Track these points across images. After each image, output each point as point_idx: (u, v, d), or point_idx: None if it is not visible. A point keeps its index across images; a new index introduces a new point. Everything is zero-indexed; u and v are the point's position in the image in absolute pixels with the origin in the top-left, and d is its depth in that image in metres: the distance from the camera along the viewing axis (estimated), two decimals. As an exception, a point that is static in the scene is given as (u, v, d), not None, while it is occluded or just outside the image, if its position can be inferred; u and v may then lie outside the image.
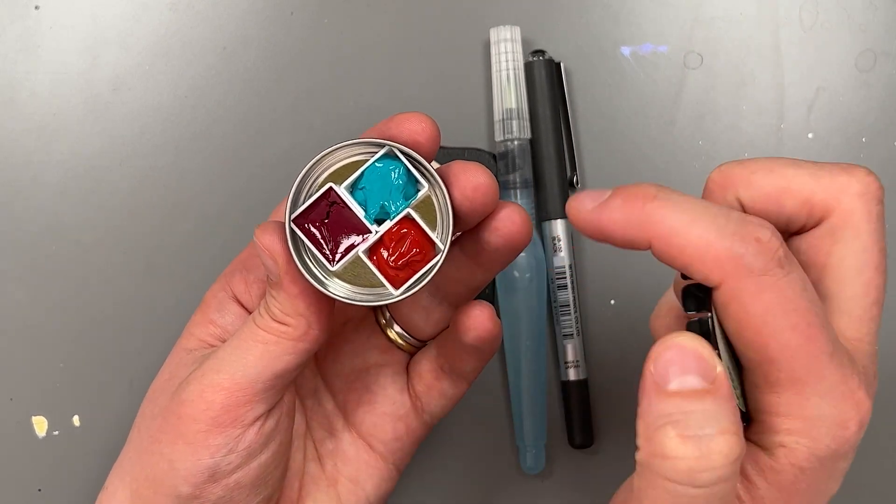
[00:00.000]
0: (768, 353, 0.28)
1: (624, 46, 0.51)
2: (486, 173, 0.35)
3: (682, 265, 0.29)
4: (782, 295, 0.28)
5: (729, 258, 0.28)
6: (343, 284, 0.35)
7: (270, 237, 0.35)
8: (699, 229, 0.28)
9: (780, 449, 0.29)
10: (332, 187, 0.35)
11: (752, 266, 0.28)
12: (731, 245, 0.28)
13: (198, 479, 0.36)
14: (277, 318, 0.36)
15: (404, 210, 0.35)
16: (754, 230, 0.28)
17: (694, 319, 0.30)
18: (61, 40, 0.50)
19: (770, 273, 0.28)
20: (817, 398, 0.28)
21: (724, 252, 0.28)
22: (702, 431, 0.27)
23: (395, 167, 0.35)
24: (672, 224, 0.29)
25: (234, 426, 0.36)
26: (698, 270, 0.29)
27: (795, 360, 0.28)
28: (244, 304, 0.40)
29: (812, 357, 0.28)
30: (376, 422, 0.41)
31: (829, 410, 0.28)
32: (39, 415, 0.49)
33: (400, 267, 0.35)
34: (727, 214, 0.29)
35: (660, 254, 0.29)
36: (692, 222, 0.29)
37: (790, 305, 0.28)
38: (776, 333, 0.28)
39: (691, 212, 0.29)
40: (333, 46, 0.51)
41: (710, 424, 0.27)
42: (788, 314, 0.28)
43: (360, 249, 0.35)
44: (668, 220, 0.29)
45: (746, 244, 0.28)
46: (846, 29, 0.51)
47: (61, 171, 0.49)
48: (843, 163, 0.31)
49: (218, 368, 0.36)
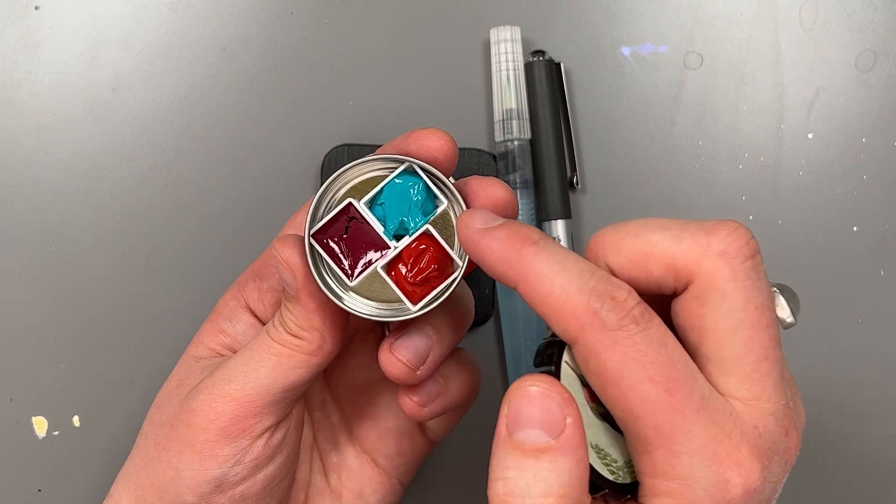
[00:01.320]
0: (630, 407, 0.28)
1: (624, 46, 0.51)
2: (504, 188, 0.35)
3: (543, 314, 0.29)
4: (637, 349, 0.28)
5: (585, 312, 0.28)
6: (360, 299, 0.35)
7: (290, 251, 0.35)
8: (562, 281, 0.29)
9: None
10: (351, 203, 0.35)
11: (607, 321, 0.28)
12: (588, 300, 0.28)
13: (204, 488, 0.36)
14: (292, 332, 0.36)
15: (423, 226, 0.35)
16: (612, 289, 0.28)
17: (542, 370, 0.31)
18: (61, 40, 0.50)
19: (624, 328, 0.28)
20: (687, 456, 0.27)
21: (581, 306, 0.28)
22: (526, 494, 0.27)
23: (414, 183, 0.35)
24: (539, 271, 0.29)
25: (243, 437, 0.36)
26: (557, 321, 0.29)
27: (658, 414, 0.27)
28: (257, 313, 0.40)
29: (674, 411, 0.27)
30: (380, 436, 0.41)
31: (702, 470, 0.27)
32: (39, 415, 0.49)
33: (418, 283, 0.35)
34: (593, 272, 0.29)
35: (525, 297, 0.30)
36: (557, 273, 0.29)
37: (646, 359, 0.27)
38: (634, 386, 0.27)
39: (560, 264, 0.29)
40: (333, 46, 0.51)
41: (538, 487, 0.27)
42: (645, 367, 0.27)
43: (379, 265, 0.35)
44: (537, 266, 0.29)
45: (602, 300, 0.28)
46: (846, 29, 0.51)
47: (61, 171, 0.49)
48: (713, 220, 0.30)
49: (229, 379, 0.36)
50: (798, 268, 0.51)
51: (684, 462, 0.27)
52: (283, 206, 0.49)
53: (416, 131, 0.35)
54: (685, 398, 0.27)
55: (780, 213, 0.51)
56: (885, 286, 0.51)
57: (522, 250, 0.30)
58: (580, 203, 0.51)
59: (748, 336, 0.28)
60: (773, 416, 0.28)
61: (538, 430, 0.28)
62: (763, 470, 0.28)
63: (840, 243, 0.51)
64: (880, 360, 0.51)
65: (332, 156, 0.49)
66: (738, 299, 0.28)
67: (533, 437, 0.28)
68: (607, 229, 0.31)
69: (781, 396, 0.29)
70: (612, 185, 0.51)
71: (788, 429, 0.29)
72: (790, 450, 0.29)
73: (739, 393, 0.28)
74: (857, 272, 0.51)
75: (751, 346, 0.29)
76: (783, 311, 0.31)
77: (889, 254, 0.51)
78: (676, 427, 0.27)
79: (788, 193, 0.51)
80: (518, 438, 0.28)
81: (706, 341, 0.29)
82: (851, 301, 0.51)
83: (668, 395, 0.27)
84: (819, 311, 0.51)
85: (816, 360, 0.51)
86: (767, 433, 0.28)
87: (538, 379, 0.29)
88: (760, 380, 0.28)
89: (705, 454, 0.27)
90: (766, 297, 0.29)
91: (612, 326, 0.28)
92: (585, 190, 0.51)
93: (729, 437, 0.27)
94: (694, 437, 0.27)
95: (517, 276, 0.30)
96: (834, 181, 0.51)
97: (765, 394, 0.28)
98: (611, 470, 0.30)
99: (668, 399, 0.27)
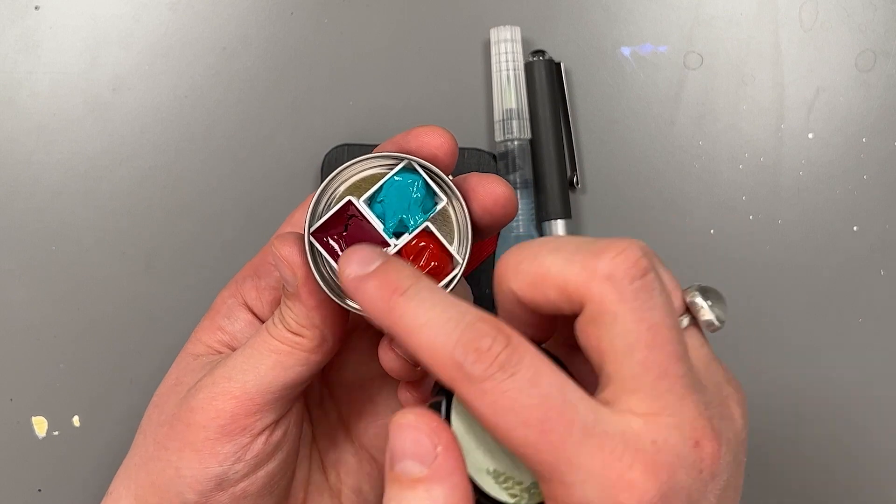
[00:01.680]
0: (514, 448, 0.28)
1: (624, 46, 0.51)
2: (503, 184, 0.35)
3: (421, 366, 0.29)
4: (505, 396, 0.27)
5: (452, 366, 0.28)
6: None
7: (289, 248, 0.35)
8: (431, 334, 0.28)
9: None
10: (350, 200, 0.35)
11: (472, 373, 0.27)
12: (453, 353, 0.28)
13: (204, 486, 0.36)
14: (292, 329, 0.36)
15: (423, 223, 0.35)
16: (476, 339, 0.28)
17: (433, 401, 0.31)
18: (61, 40, 0.50)
19: (491, 378, 0.27)
20: (579, 485, 0.27)
21: (448, 360, 0.28)
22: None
23: (413, 181, 0.35)
24: (408, 324, 0.29)
25: (243, 435, 0.36)
26: (432, 373, 0.29)
27: (540, 453, 0.27)
28: (255, 310, 0.40)
29: (555, 447, 0.27)
30: (378, 433, 0.41)
31: (596, 496, 0.27)
32: (39, 415, 0.49)
33: None
34: (458, 320, 0.28)
35: (403, 349, 0.29)
36: (424, 326, 0.28)
37: (515, 405, 0.27)
38: (510, 431, 0.27)
39: (428, 314, 0.29)
40: (333, 46, 0.51)
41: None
42: (516, 412, 0.27)
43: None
44: (406, 319, 0.29)
45: (466, 354, 0.28)
46: (846, 29, 0.51)
47: (61, 171, 0.49)
48: (605, 241, 0.29)
49: (229, 376, 0.36)
50: (798, 268, 0.51)
51: (577, 491, 0.27)
52: (282, 206, 0.49)
53: (417, 129, 0.35)
54: (563, 434, 0.27)
55: (780, 213, 0.51)
56: (885, 286, 0.51)
57: (391, 302, 0.29)
58: (580, 203, 0.51)
59: (643, 356, 0.28)
60: (677, 428, 0.28)
61: (411, 461, 0.29)
62: (661, 485, 0.27)
63: (840, 243, 0.51)
64: (880, 360, 0.51)
65: (332, 156, 0.49)
66: (629, 321, 0.28)
67: (408, 468, 0.29)
68: (512, 251, 0.31)
69: (688, 409, 0.28)
70: (612, 185, 0.51)
71: (699, 439, 0.28)
72: (703, 460, 0.28)
73: (640, 409, 0.28)
74: (857, 272, 0.51)
75: (647, 366, 0.28)
76: (706, 314, 0.31)
77: (889, 254, 0.51)
78: (561, 461, 0.27)
79: (788, 193, 0.51)
80: (396, 470, 0.29)
81: (606, 362, 0.29)
82: (851, 301, 0.51)
83: (545, 435, 0.27)
84: (819, 311, 0.51)
85: (816, 360, 0.51)
86: (668, 447, 0.28)
87: (409, 412, 0.29)
88: (662, 396, 0.28)
89: (596, 482, 0.27)
90: (662, 315, 0.29)
91: (479, 378, 0.27)
92: (585, 190, 0.51)
93: (620, 459, 0.27)
94: (581, 468, 0.27)
95: (390, 329, 0.29)
96: (834, 181, 0.51)
97: (667, 409, 0.28)
98: (512, 493, 0.30)
99: (546, 438, 0.27)
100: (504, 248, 0.48)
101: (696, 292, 0.31)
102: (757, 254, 0.50)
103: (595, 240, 0.29)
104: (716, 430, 0.29)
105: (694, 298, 0.31)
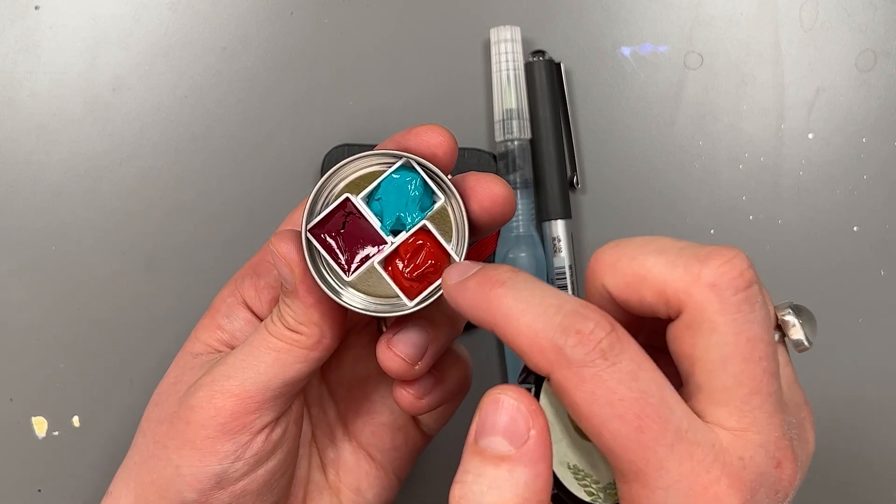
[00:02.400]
0: (603, 442, 0.27)
1: (624, 46, 0.51)
2: (502, 184, 0.35)
3: (518, 353, 0.29)
4: (604, 386, 0.27)
5: (551, 349, 0.28)
6: (357, 294, 0.35)
7: (287, 246, 0.35)
8: (529, 318, 0.28)
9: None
10: (348, 198, 0.35)
11: (572, 358, 0.27)
12: (553, 336, 0.28)
13: (204, 485, 0.36)
14: (291, 327, 0.36)
15: (420, 221, 0.35)
16: (578, 322, 0.27)
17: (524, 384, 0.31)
18: (61, 40, 0.50)
19: (590, 365, 0.27)
20: (662, 491, 0.27)
21: (547, 343, 0.28)
22: (478, 501, 0.28)
23: (411, 179, 0.35)
24: (508, 311, 0.29)
25: (243, 433, 0.36)
26: (528, 360, 0.28)
27: (630, 451, 0.27)
28: (254, 309, 0.40)
29: (646, 448, 0.27)
30: (375, 431, 0.42)
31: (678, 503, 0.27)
32: (39, 415, 0.49)
33: (415, 278, 0.35)
34: (560, 305, 0.28)
35: (502, 339, 0.29)
36: (524, 311, 0.28)
37: (614, 396, 0.27)
38: (603, 424, 0.27)
39: (528, 300, 0.29)
40: (333, 46, 0.51)
41: (491, 494, 0.28)
42: (613, 405, 0.27)
43: (376, 260, 0.35)
44: (505, 307, 0.29)
45: (567, 336, 0.27)
46: (846, 29, 0.51)
47: (61, 171, 0.49)
48: (711, 248, 0.29)
49: (228, 375, 0.36)
50: (798, 268, 0.51)
51: (659, 496, 0.27)
52: (282, 205, 0.49)
53: (417, 127, 0.35)
54: (657, 435, 0.27)
55: (780, 213, 0.51)
56: (885, 286, 0.51)
57: (490, 294, 0.29)
58: (580, 203, 0.51)
59: (738, 369, 0.28)
60: (763, 447, 0.28)
61: (501, 438, 0.28)
62: (744, 502, 0.27)
63: (840, 243, 0.51)
64: (881, 360, 0.51)
65: (331, 156, 0.49)
66: (729, 332, 0.28)
67: (495, 444, 0.28)
68: (608, 247, 0.30)
69: (775, 428, 0.28)
70: (612, 185, 0.51)
71: (781, 460, 0.28)
72: (782, 481, 0.28)
73: (728, 423, 0.28)
74: (857, 272, 0.51)
75: (741, 380, 0.28)
76: (797, 332, 0.31)
77: (889, 254, 0.51)
78: (649, 463, 0.27)
79: (788, 193, 0.51)
80: (482, 444, 0.28)
81: (697, 371, 0.28)
82: (851, 301, 0.51)
83: (639, 433, 0.27)
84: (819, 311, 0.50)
85: (816, 360, 0.51)
86: (754, 465, 0.28)
87: (509, 389, 0.29)
88: (751, 412, 0.28)
89: (680, 489, 0.27)
90: (761, 329, 0.28)
91: (579, 363, 0.27)
92: (585, 190, 0.51)
93: (707, 471, 0.27)
94: (668, 473, 0.27)
95: (490, 320, 0.29)
96: (834, 181, 0.51)
97: (755, 426, 0.28)
98: (589, 491, 0.30)
99: (639, 436, 0.27)
100: (504, 248, 0.48)
101: (788, 309, 0.31)
102: (757, 254, 0.50)
103: (699, 245, 0.29)
104: (795, 453, 0.29)
105: (786, 316, 0.31)
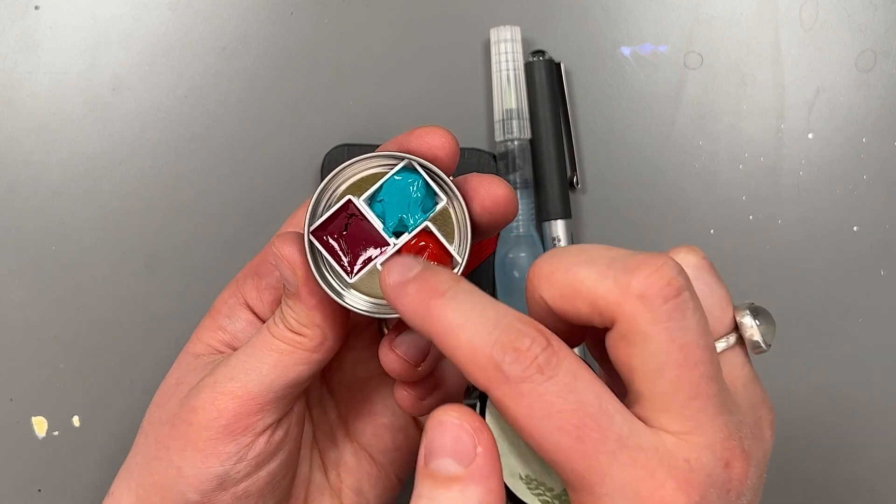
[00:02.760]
0: (546, 455, 0.27)
1: (624, 46, 0.51)
2: (504, 185, 0.35)
3: (457, 367, 0.29)
4: (542, 399, 0.27)
5: (490, 366, 0.27)
6: (360, 296, 0.35)
7: (290, 248, 0.35)
8: (469, 334, 0.28)
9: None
10: (350, 199, 0.35)
11: (510, 373, 0.27)
12: (491, 353, 0.27)
13: (206, 486, 0.36)
14: (293, 328, 0.36)
15: (422, 223, 0.35)
16: (515, 339, 0.27)
17: (466, 404, 0.30)
18: (61, 40, 0.50)
19: (528, 380, 0.27)
20: (608, 497, 0.27)
21: (485, 359, 0.27)
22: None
23: (413, 180, 0.35)
24: (447, 325, 0.28)
25: (245, 434, 0.36)
26: (467, 375, 0.28)
27: (572, 461, 0.27)
28: (255, 310, 0.40)
29: (588, 456, 0.27)
30: (376, 432, 0.42)
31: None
32: (39, 415, 0.49)
33: None
34: (498, 320, 0.28)
35: (441, 351, 0.29)
36: (463, 326, 0.28)
37: (552, 409, 0.27)
38: (544, 436, 0.27)
39: (467, 314, 0.28)
40: (333, 46, 0.51)
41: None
42: (552, 417, 0.27)
43: (378, 262, 0.35)
44: (445, 320, 0.29)
45: (505, 352, 0.27)
46: (846, 29, 0.51)
47: (61, 171, 0.49)
48: (641, 256, 0.29)
49: (231, 376, 0.36)
50: (798, 268, 0.51)
51: (606, 503, 0.27)
52: (283, 206, 0.49)
53: (418, 129, 0.35)
54: (598, 443, 0.27)
55: (780, 213, 0.51)
56: (885, 286, 0.51)
57: (430, 304, 0.29)
58: (580, 203, 0.51)
59: (675, 375, 0.28)
60: (709, 448, 0.28)
61: (449, 460, 0.28)
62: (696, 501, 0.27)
63: (840, 243, 0.51)
64: (881, 360, 0.51)
65: (332, 156, 0.49)
66: (662, 341, 0.28)
67: (444, 465, 0.28)
68: (544, 259, 0.30)
69: (719, 429, 0.28)
70: (612, 185, 0.51)
71: (730, 460, 0.28)
72: (732, 480, 0.28)
73: (672, 427, 0.28)
74: (857, 272, 0.51)
75: (678, 386, 0.28)
76: (754, 334, 0.31)
77: (889, 254, 0.51)
78: (593, 471, 0.27)
79: (788, 193, 0.51)
80: (431, 467, 0.28)
81: (636, 379, 0.29)
82: (851, 301, 0.51)
83: (580, 443, 0.27)
84: (819, 311, 0.51)
85: (816, 360, 0.51)
86: (700, 466, 0.28)
87: (451, 409, 0.29)
88: (693, 415, 0.28)
89: (627, 494, 0.27)
90: (694, 335, 0.28)
91: (516, 378, 0.27)
92: (585, 190, 0.51)
93: (652, 475, 0.27)
94: (612, 480, 0.27)
95: (430, 331, 0.29)
96: (834, 181, 0.51)
97: (698, 429, 0.28)
98: (544, 500, 0.30)
99: (580, 446, 0.27)
100: (504, 248, 0.48)
101: (746, 311, 0.31)
102: (757, 254, 0.50)
103: (629, 254, 0.29)
104: (746, 452, 0.29)
105: (743, 318, 0.31)
